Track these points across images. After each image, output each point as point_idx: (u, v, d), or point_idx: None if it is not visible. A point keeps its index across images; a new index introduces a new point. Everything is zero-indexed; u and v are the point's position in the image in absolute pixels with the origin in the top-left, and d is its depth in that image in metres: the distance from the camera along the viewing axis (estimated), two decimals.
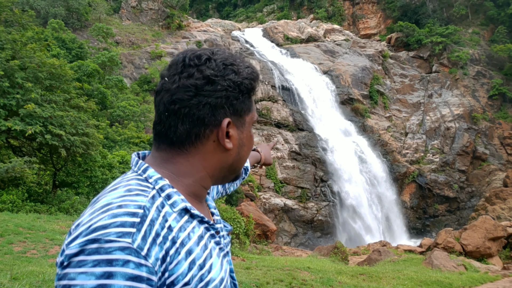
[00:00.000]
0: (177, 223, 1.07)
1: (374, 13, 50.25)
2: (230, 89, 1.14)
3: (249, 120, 1.23)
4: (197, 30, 40.51)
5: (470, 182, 32.73)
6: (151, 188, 1.09)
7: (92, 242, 0.92)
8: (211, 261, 1.13)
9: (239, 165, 1.25)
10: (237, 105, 1.17)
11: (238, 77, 1.16)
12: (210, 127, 1.15)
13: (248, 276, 8.03)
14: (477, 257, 15.62)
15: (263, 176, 26.67)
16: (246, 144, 1.24)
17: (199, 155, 1.17)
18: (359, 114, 33.33)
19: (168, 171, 1.16)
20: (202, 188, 1.22)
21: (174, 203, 1.09)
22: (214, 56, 1.16)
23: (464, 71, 38.13)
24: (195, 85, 1.12)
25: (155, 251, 0.97)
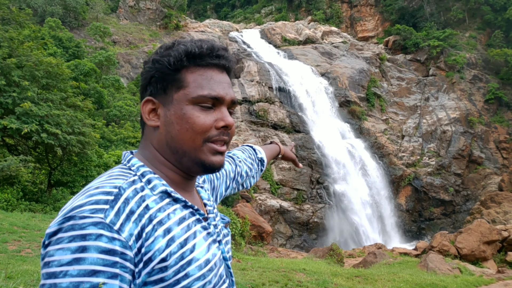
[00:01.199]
0: (156, 204, 1.08)
1: (372, 15, 50.36)
2: (152, 68, 1.19)
3: (178, 98, 1.18)
4: (195, 30, 40.51)
5: (465, 186, 32.83)
6: (132, 174, 1.13)
7: (68, 219, 0.96)
8: (195, 241, 1.13)
9: (177, 145, 1.18)
10: (155, 83, 1.19)
11: (158, 55, 1.19)
12: (143, 109, 1.20)
13: (243, 277, 8.02)
14: (472, 260, 15.64)
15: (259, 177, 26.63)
16: (176, 122, 1.17)
17: (146, 137, 1.23)
18: (356, 116, 33.37)
19: (141, 155, 1.22)
20: (179, 176, 1.23)
21: (154, 187, 1.12)
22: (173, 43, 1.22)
23: (461, 75, 38.27)
24: (144, 67, 1.22)
25: (129, 227, 0.99)
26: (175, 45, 1.21)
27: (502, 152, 34.77)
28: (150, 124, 1.19)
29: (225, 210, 15.46)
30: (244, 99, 30.38)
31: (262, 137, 28.70)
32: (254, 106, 30.08)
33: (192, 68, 1.20)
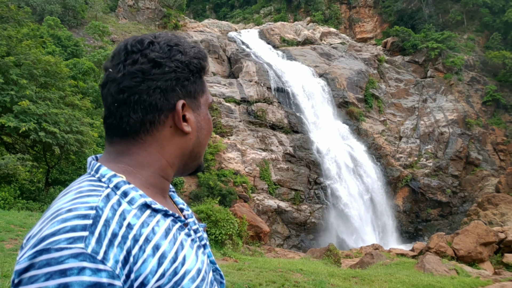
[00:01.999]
0: (137, 220, 0.99)
1: (370, 17, 50.42)
2: (179, 69, 1.10)
3: (204, 102, 1.19)
4: (194, 30, 40.49)
5: (462, 187, 32.91)
6: (104, 187, 1.01)
7: (41, 253, 0.84)
8: (184, 252, 1.06)
9: (200, 150, 1.20)
10: (189, 86, 1.13)
11: (185, 56, 1.12)
12: (164, 112, 1.09)
13: (240, 277, 8.03)
14: (469, 262, 15.68)
15: (257, 177, 26.66)
16: (204, 127, 1.19)
17: (156, 143, 1.11)
18: (354, 117, 33.40)
19: (124, 164, 1.10)
20: (163, 180, 1.16)
21: (132, 200, 1.02)
22: (157, 39, 1.13)
23: (459, 77, 38.35)
24: (141, 70, 1.07)
25: (113, 253, 0.89)
26: (190, 47, 1.16)
27: (499, 154, 34.85)
28: (185, 129, 1.12)
29: (222, 210, 15.47)
30: (243, 99, 30.38)
31: (260, 137, 28.71)
32: (253, 106, 30.08)
33: (204, 71, 1.20)
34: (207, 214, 14.90)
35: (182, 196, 22.85)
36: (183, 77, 1.11)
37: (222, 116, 28.76)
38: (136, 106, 1.07)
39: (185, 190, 22.99)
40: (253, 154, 27.38)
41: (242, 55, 35.50)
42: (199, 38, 36.77)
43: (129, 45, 1.10)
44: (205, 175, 24.04)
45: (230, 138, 27.82)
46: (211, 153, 25.11)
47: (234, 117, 29.21)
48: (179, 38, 1.17)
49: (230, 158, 26.21)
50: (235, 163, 26.19)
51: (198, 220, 1.38)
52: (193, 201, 21.83)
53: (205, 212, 15.00)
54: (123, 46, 1.11)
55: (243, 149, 27.28)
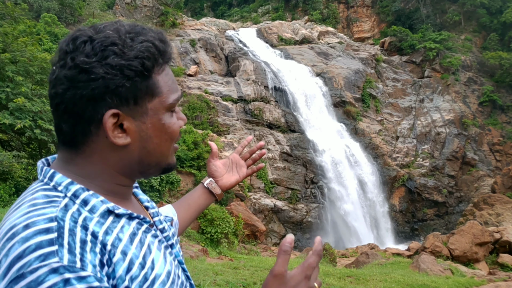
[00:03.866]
0: (100, 228, 0.92)
1: (368, 16, 50.43)
2: (108, 76, 0.93)
3: (155, 107, 1.02)
4: (191, 28, 40.38)
5: (459, 187, 32.98)
6: (61, 196, 0.93)
7: (17, 280, 0.78)
8: (152, 256, 1.00)
9: (154, 159, 1.06)
10: (124, 93, 0.96)
11: (121, 59, 0.95)
12: (94, 123, 0.96)
13: (235, 276, 8.02)
14: (464, 261, 15.72)
15: (254, 176, 26.66)
16: (155, 135, 1.03)
17: (96, 154, 1.00)
18: (351, 117, 33.43)
19: (73, 173, 1.00)
20: (120, 186, 1.06)
21: (93, 208, 0.94)
22: (97, 35, 0.97)
23: (456, 77, 38.41)
24: (67, 77, 0.94)
25: (89, 259, 0.85)
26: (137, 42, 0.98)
27: (495, 155, 34.93)
28: (118, 142, 0.98)
29: (218, 208, 15.46)
30: (240, 98, 30.36)
31: (257, 136, 28.70)
32: (250, 105, 30.07)
33: (158, 69, 1.03)
34: (203, 213, 14.89)
35: (179, 195, 22.83)
36: (114, 84, 0.94)
37: (219, 115, 28.74)
38: (64, 116, 0.97)
39: (181, 188, 22.96)
40: None
41: (239, 53, 35.47)
42: (196, 36, 36.73)
43: (65, 43, 0.98)
44: (202, 173, 24.01)
45: (227, 137, 27.80)
46: (208, 151, 25.08)
47: (231, 115, 29.19)
48: (123, 32, 0.99)
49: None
50: None
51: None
52: None
53: None
54: (63, 42, 0.99)
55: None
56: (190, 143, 24.30)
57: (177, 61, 33.11)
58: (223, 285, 6.95)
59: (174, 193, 22.53)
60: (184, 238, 13.52)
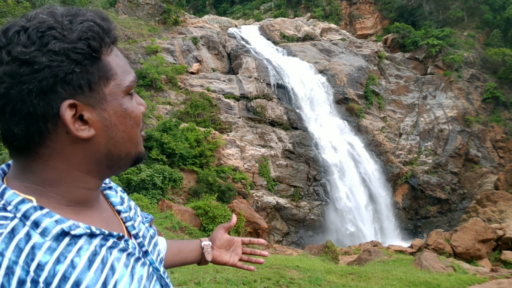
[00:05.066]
0: (51, 255, 0.82)
1: (371, 13, 50.29)
2: (54, 63, 0.83)
3: (112, 91, 0.93)
4: (194, 26, 40.38)
5: (462, 184, 32.89)
6: (9, 218, 0.83)
7: None
8: (115, 277, 0.91)
9: (122, 149, 0.97)
10: (76, 80, 0.87)
11: (63, 43, 0.85)
12: (50, 120, 0.86)
13: (235, 274, 8.02)
14: (467, 258, 15.70)
15: (256, 174, 26.65)
16: (120, 122, 0.95)
17: (56, 155, 0.90)
18: (354, 114, 33.36)
19: (31, 183, 0.90)
20: (85, 190, 0.96)
21: (45, 230, 0.84)
22: (29, 23, 0.86)
23: (459, 74, 38.26)
24: (7, 73, 0.83)
25: None
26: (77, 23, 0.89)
27: (498, 151, 34.80)
28: (83, 135, 0.89)
29: (220, 206, 15.47)
30: (242, 96, 30.33)
31: (259, 133, 28.68)
32: (252, 103, 30.04)
33: (106, 49, 0.94)
34: (205, 210, 14.92)
35: (181, 192, 22.85)
36: (62, 71, 0.85)
37: (221, 112, 28.73)
38: (14, 117, 0.85)
39: (184, 186, 22.97)
40: (252, 151, 27.36)
41: (242, 51, 35.43)
42: (199, 34, 36.72)
43: None
44: (204, 171, 24.03)
45: (229, 135, 27.80)
46: (210, 149, 25.10)
47: (233, 113, 29.18)
48: (58, 15, 0.90)
49: (229, 154, 26.20)
50: (234, 160, 26.17)
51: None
52: (192, 197, 21.82)
53: (202, 208, 15.02)
54: None
55: (242, 146, 27.25)
56: (192, 141, 24.30)
57: (180, 59, 33.11)
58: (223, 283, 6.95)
59: (177, 191, 22.55)
60: (185, 235, 13.54)
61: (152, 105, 26.73)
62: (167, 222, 13.70)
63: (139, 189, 19.07)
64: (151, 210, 15.10)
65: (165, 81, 29.57)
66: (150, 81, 28.50)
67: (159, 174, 19.92)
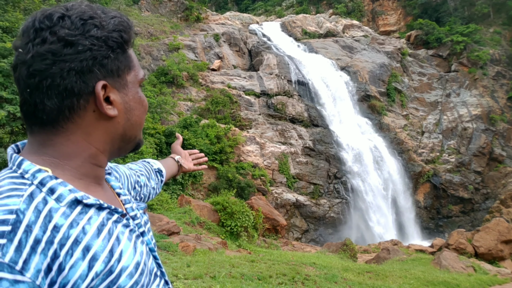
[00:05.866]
0: (65, 219, 0.90)
1: (394, 10, 49.64)
2: (95, 47, 0.96)
3: (132, 80, 1.07)
4: (215, 23, 40.54)
5: (485, 184, 32.26)
6: (27, 184, 0.91)
7: None
8: (120, 247, 0.99)
9: (134, 132, 1.10)
10: (109, 65, 1.00)
11: (103, 31, 0.98)
12: (83, 96, 0.97)
13: (251, 269, 8.07)
14: (489, 259, 15.43)
15: (276, 171, 26.67)
16: (135, 108, 1.08)
17: (80, 130, 1.00)
18: (375, 111, 33.04)
19: (49, 156, 0.99)
20: (96, 167, 1.06)
21: (60, 197, 0.92)
22: (69, 12, 0.98)
23: (484, 71, 37.47)
24: (50, 51, 0.93)
25: (35, 262, 0.82)
26: (109, 18, 1.03)
27: None
28: (110, 113, 1.01)
29: (238, 202, 15.54)
30: (263, 92, 30.35)
31: (279, 130, 28.67)
32: (272, 100, 30.03)
33: (130, 43, 1.08)
34: (223, 206, 15.00)
35: (201, 188, 23.05)
36: (101, 55, 0.97)
37: (242, 109, 28.81)
38: (50, 92, 0.94)
39: (204, 182, 23.16)
40: (272, 148, 27.38)
41: (263, 47, 35.42)
42: (220, 30, 36.86)
43: (37, 21, 0.96)
44: (224, 167, 24.16)
45: (249, 131, 27.86)
46: (230, 145, 25.21)
47: (253, 110, 29.23)
48: (95, 9, 1.02)
49: (249, 151, 26.27)
50: (254, 156, 26.23)
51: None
52: (212, 193, 21.99)
53: (221, 204, 15.11)
54: (31, 22, 0.97)
55: (262, 142, 27.29)
56: (212, 137, 24.46)
57: (201, 56, 33.30)
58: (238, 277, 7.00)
59: (196, 187, 22.75)
60: (204, 230, 13.66)
61: (174, 102, 26.96)
62: (185, 217, 13.84)
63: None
64: (170, 205, 15.28)
65: (187, 78, 29.79)
66: (172, 77, 28.76)
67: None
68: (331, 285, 7.85)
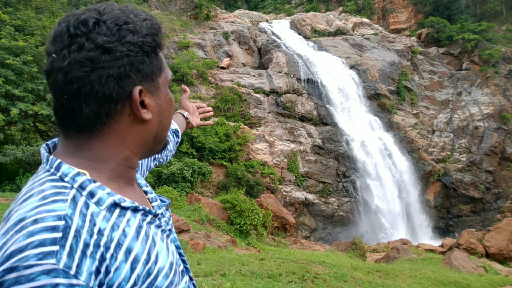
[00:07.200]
0: (107, 223, 0.92)
1: (404, 7, 49.28)
2: (131, 53, 0.98)
3: (163, 82, 1.09)
4: (225, 21, 40.53)
5: (497, 183, 31.93)
6: (69, 188, 0.93)
7: (10, 271, 0.77)
8: (156, 249, 1.01)
9: (164, 133, 1.13)
10: (145, 69, 1.02)
11: (138, 36, 1.00)
12: (120, 101, 0.99)
13: (261, 267, 8.07)
14: (500, 259, 15.28)
15: (285, 169, 26.64)
16: (166, 109, 1.10)
17: (116, 134, 1.02)
18: (385, 110, 32.87)
19: (85, 159, 1.01)
20: (129, 169, 1.09)
21: (100, 200, 0.94)
22: (103, 16, 0.99)
23: (496, 70, 37.06)
24: (89, 58, 0.94)
25: (86, 266, 0.84)
26: (141, 21, 1.03)
27: None
28: (146, 117, 1.03)
29: (248, 200, 15.55)
30: (272, 90, 30.32)
31: (288, 128, 28.63)
32: (282, 98, 30.00)
33: (161, 44, 1.09)
34: (233, 204, 15.02)
35: (210, 186, 23.09)
36: (137, 60, 0.99)
37: (251, 107, 28.81)
38: (88, 98, 0.96)
39: (213, 180, 23.19)
40: (281, 146, 27.35)
41: (272, 46, 35.37)
42: (230, 29, 36.84)
43: (71, 27, 0.97)
44: (233, 165, 24.18)
45: (259, 129, 27.85)
46: (239, 143, 25.23)
47: (262, 108, 29.21)
48: (127, 12, 1.03)
49: (258, 149, 26.26)
50: (263, 154, 26.22)
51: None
52: (220, 191, 22.02)
53: (230, 202, 15.12)
54: (65, 27, 0.97)
55: (271, 141, 27.27)
56: (222, 135, 24.49)
57: (210, 54, 33.33)
58: (248, 275, 7.00)
59: (206, 184, 22.79)
60: (213, 228, 13.69)
61: None
62: (195, 214, 13.88)
63: (169, 182, 19.37)
64: (180, 203, 15.33)
65: (196, 76, 29.84)
66: (181, 75, 28.83)
67: (189, 167, 20.19)
68: (341, 284, 7.82)
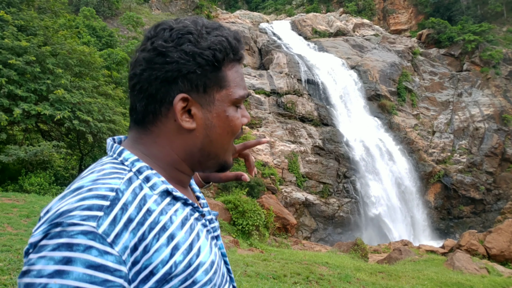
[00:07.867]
0: (157, 206, 0.96)
1: (405, 8, 49.33)
2: (182, 61, 1.00)
3: (221, 98, 1.07)
4: (226, 21, 40.56)
5: (497, 185, 31.96)
6: (127, 170, 0.99)
7: (55, 226, 0.83)
8: (199, 243, 1.03)
9: (214, 150, 1.10)
10: (195, 80, 1.02)
11: (195, 47, 1.01)
12: (165, 104, 1.03)
13: (265, 268, 8.07)
14: (501, 261, 15.32)
15: (285, 169, 26.65)
16: (218, 126, 1.08)
17: (163, 135, 1.06)
18: (386, 110, 32.89)
19: (140, 151, 1.06)
20: (180, 173, 1.11)
21: (154, 185, 0.99)
22: (176, 25, 1.04)
23: (496, 71, 37.10)
24: (145, 58, 1.02)
25: (124, 239, 0.87)
26: (213, 35, 1.05)
27: None
28: (185, 126, 1.04)
29: (250, 201, 15.55)
30: (273, 91, 30.33)
31: (289, 129, 28.63)
32: (282, 98, 30.01)
33: (228, 63, 1.08)
34: (235, 205, 15.02)
35: (211, 186, 23.10)
36: (186, 69, 1.01)
37: (252, 108, 28.82)
38: (140, 95, 1.04)
39: None
40: (281, 146, 27.36)
41: (273, 46, 35.39)
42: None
43: (148, 31, 1.07)
44: (234, 166, 24.16)
45: (259, 130, 27.86)
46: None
47: (263, 108, 29.22)
48: (200, 24, 1.06)
49: (259, 149, 26.27)
50: (263, 155, 26.23)
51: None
52: (221, 191, 22.02)
53: (232, 202, 15.12)
54: (147, 31, 1.08)
55: (272, 141, 27.29)
56: None
57: None
58: (253, 276, 7.01)
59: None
60: None
61: None
62: None
63: None
64: None
65: None
66: None
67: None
68: (346, 285, 7.83)
